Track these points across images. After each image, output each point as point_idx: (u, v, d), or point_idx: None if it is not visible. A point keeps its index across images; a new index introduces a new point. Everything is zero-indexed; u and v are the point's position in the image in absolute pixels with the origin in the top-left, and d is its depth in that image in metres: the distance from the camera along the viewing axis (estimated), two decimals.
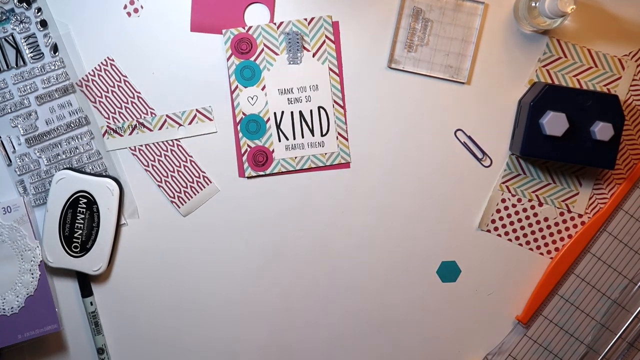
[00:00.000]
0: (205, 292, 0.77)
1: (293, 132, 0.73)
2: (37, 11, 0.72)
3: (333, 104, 0.73)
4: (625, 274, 0.77)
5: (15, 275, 0.72)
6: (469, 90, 0.76)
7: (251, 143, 0.73)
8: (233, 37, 0.72)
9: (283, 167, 0.73)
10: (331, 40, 0.72)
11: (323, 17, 0.72)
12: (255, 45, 0.72)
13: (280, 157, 0.73)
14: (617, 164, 0.77)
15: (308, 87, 0.73)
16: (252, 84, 0.73)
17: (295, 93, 0.73)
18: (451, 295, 0.78)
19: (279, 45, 0.72)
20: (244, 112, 0.73)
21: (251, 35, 0.72)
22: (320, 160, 0.74)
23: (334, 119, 0.73)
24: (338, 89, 0.73)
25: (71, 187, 0.73)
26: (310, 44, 0.72)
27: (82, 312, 0.76)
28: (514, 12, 0.74)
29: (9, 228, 0.72)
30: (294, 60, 0.72)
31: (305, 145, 0.74)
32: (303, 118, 0.73)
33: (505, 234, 0.78)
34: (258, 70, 0.72)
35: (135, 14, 0.74)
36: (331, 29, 0.72)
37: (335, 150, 0.74)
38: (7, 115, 0.73)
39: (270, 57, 0.72)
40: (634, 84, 0.76)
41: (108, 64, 0.74)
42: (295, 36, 0.72)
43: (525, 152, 0.72)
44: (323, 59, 0.73)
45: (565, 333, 0.78)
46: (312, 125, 0.73)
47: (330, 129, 0.73)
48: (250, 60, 0.72)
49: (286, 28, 0.72)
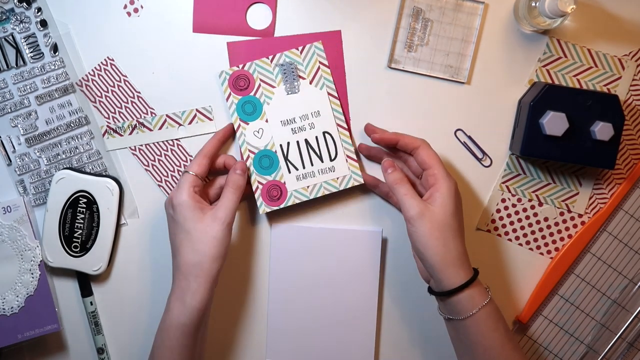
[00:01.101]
0: None
1: (302, 162, 0.73)
2: (37, 11, 0.72)
3: (337, 127, 0.73)
4: (625, 274, 0.77)
5: (15, 275, 0.72)
6: (469, 90, 0.76)
7: (262, 179, 0.73)
8: (230, 76, 0.72)
9: (297, 198, 0.73)
10: (325, 66, 0.73)
11: (314, 45, 0.72)
12: (253, 81, 0.73)
13: (292, 189, 0.73)
14: (617, 164, 0.77)
15: (310, 114, 0.73)
16: (255, 118, 0.73)
17: (298, 122, 0.73)
18: None
19: (274, 77, 0.73)
20: (254, 147, 0.73)
21: (247, 71, 0.72)
22: (332, 186, 0.73)
23: (340, 142, 0.73)
24: (340, 112, 0.73)
25: (71, 187, 0.73)
26: (306, 72, 0.73)
27: (82, 312, 0.76)
28: (514, 12, 0.74)
29: (9, 228, 0.72)
30: (292, 90, 0.72)
31: (316, 172, 0.73)
32: (309, 146, 0.73)
33: (505, 234, 0.78)
34: (259, 104, 0.73)
35: (135, 14, 0.74)
36: (324, 55, 0.73)
37: (346, 174, 0.73)
38: (7, 115, 0.73)
39: (268, 90, 0.73)
40: (634, 84, 0.76)
41: (108, 64, 0.74)
42: (289, 66, 0.72)
43: (525, 152, 0.72)
44: (320, 85, 0.73)
45: (565, 333, 0.78)
46: (320, 152, 0.73)
47: (338, 153, 0.73)
48: (250, 95, 0.73)
49: (280, 60, 0.72)
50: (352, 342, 0.77)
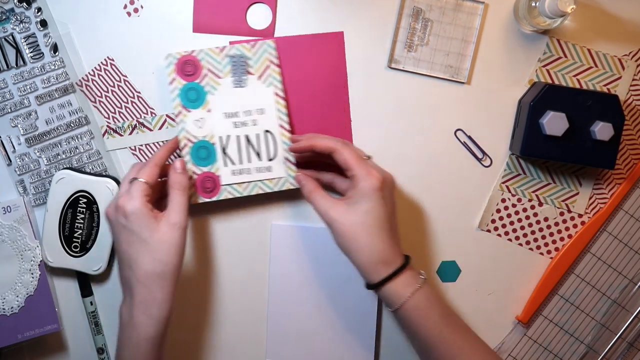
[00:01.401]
0: (205, 292, 0.77)
1: (239, 157, 0.72)
2: (37, 11, 0.72)
3: (280, 128, 0.72)
4: (625, 274, 0.77)
5: (15, 275, 0.72)
6: (469, 90, 0.76)
7: (197, 170, 0.72)
8: (178, 60, 0.71)
9: (230, 194, 0.72)
10: (275, 65, 0.72)
11: (267, 42, 0.71)
12: (200, 68, 0.71)
13: (227, 183, 0.72)
14: (617, 164, 0.77)
15: (254, 110, 0.72)
16: (197, 106, 0.71)
17: (241, 117, 0.72)
18: (451, 295, 0.78)
19: (222, 68, 0.71)
20: (192, 136, 0.71)
21: (195, 57, 0.71)
22: (267, 186, 0.72)
23: (281, 143, 0.72)
24: (284, 113, 0.72)
25: (71, 187, 0.73)
26: (254, 67, 0.72)
27: (82, 312, 0.76)
28: (514, 12, 0.74)
29: (9, 228, 0.72)
30: (238, 83, 0.71)
31: (253, 170, 0.72)
32: (250, 142, 0.72)
33: (505, 234, 0.78)
34: (203, 92, 0.71)
35: (135, 14, 0.74)
36: (275, 54, 0.72)
37: (283, 175, 0.72)
38: (7, 115, 0.73)
39: (214, 81, 0.71)
40: (634, 84, 0.76)
41: (108, 64, 0.74)
42: (239, 59, 0.71)
43: (525, 152, 0.72)
44: (268, 83, 0.72)
45: (565, 333, 0.78)
46: (260, 150, 0.72)
47: (277, 154, 0.72)
48: (195, 82, 0.71)
49: (230, 51, 0.71)
50: (352, 343, 0.77)
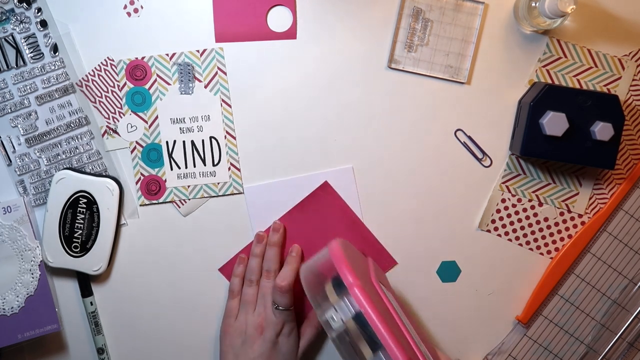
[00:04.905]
0: (205, 292, 0.77)
1: (185, 161, 0.74)
2: (37, 11, 0.72)
3: (225, 134, 0.74)
4: (625, 274, 0.77)
5: (15, 275, 0.72)
6: (469, 90, 0.76)
7: (145, 171, 0.74)
8: (127, 65, 0.73)
9: (176, 195, 0.74)
10: (223, 72, 0.73)
11: (215, 49, 0.73)
12: (150, 73, 0.73)
13: (172, 186, 0.74)
14: (617, 164, 0.77)
15: (200, 117, 0.74)
16: (142, 110, 0.74)
17: (187, 123, 0.74)
18: (451, 295, 0.78)
19: (171, 75, 0.73)
20: (141, 140, 0.74)
21: (146, 62, 0.73)
22: (212, 190, 0.75)
23: (226, 149, 0.74)
24: (230, 119, 0.74)
25: (71, 187, 0.73)
26: (203, 75, 0.73)
27: (82, 312, 0.76)
28: (514, 12, 0.74)
29: (9, 228, 0.72)
30: (185, 90, 0.73)
31: (197, 174, 0.74)
32: (195, 147, 0.74)
33: (505, 234, 0.78)
34: (149, 97, 0.73)
35: (135, 14, 0.74)
36: (223, 61, 0.73)
37: (227, 180, 0.74)
38: (7, 115, 0.73)
39: (163, 86, 0.73)
40: (634, 84, 0.76)
41: (108, 64, 0.74)
42: (186, 67, 0.73)
43: (525, 152, 0.72)
44: (215, 90, 0.73)
45: (565, 333, 0.78)
46: (204, 155, 0.74)
47: (222, 159, 0.74)
48: (143, 87, 0.73)
49: (179, 59, 0.73)
50: None
